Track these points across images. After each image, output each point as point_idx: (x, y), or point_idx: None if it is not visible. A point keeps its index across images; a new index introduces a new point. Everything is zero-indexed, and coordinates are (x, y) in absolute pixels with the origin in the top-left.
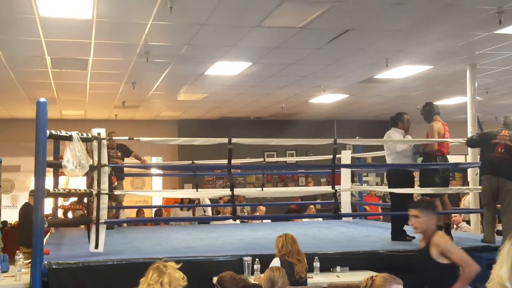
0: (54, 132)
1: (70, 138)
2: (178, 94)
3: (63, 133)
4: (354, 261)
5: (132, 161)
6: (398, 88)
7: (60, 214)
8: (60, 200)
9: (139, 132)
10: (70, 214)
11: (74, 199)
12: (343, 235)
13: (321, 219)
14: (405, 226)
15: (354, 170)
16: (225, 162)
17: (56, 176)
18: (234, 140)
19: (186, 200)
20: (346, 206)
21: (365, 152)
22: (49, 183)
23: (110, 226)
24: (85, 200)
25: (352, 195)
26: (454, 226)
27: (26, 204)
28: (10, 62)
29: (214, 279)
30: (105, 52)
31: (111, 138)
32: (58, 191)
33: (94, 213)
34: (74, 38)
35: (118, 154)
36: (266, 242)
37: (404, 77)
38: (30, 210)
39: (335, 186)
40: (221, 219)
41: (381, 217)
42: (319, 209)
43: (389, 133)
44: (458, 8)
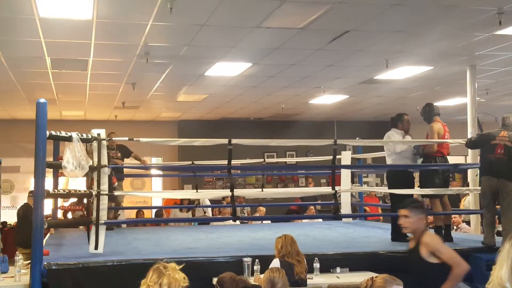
0: (54, 132)
1: (70, 139)
2: (178, 95)
3: (63, 133)
4: (354, 262)
5: (132, 161)
6: (398, 89)
7: (59, 214)
8: (59, 200)
9: (139, 132)
10: (69, 215)
11: (73, 200)
12: (343, 236)
13: (321, 220)
14: None
15: (354, 171)
16: (225, 163)
17: (56, 176)
18: (234, 141)
19: (186, 201)
20: (346, 207)
21: (365, 153)
22: (48, 184)
23: (110, 227)
24: (84, 200)
25: (352, 196)
26: (454, 227)
27: (25, 204)
28: (10, 63)
29: (214, 280)
30: (105, 52)
31: (111, 139)
32: (58, 192)
33: (94, 214)
34: (74, 38)
35: (118, 154)
36: (266, 243)
37: (404, 78)
38: (29, 211)
39: (335, 187)
40: (221, 220)
41: (381, 218)
42: (319, 210)
43: (388, 134)
44: (458, 9)
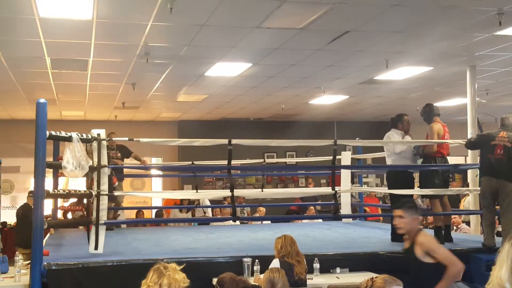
0: (53, 133)
1: (70, 139)
2: (178, 95)
3: (63, 134)
4: (354, 262)
5: (132, 162)
6: (398, 89)
7: (59, 215)
8: (59, 201)
9: (139, 133)
10: (69, 215)
11: (73, 200)
12: (343, 236)
13: (321, 220)
14: None
15: (354, 171)
16: (225, 163)
17: (55, 177)
18: (234, 141)
19: (186, 201)
20: (346, 207)
21: (365, 153)
22: (48, 184)
23: (110, 227)
24: (84, 201)
25: (352, 196)
26: (454, 228)
27: (24, 204)
28: (10, 63)
29: (214, 280)
30: (105, 53)
31: (111, 139)
32: (58, 192)
33: (94, 214)
34: (74, 39)
35: (118, 155)
36: (266, 243)
37: (404, 78)
38: (29, 211)
39: (335, 187)
40: (220, 220)
41: (381, 218)
42: (319, 210)
43: (388, 134)
44: (458, 9)
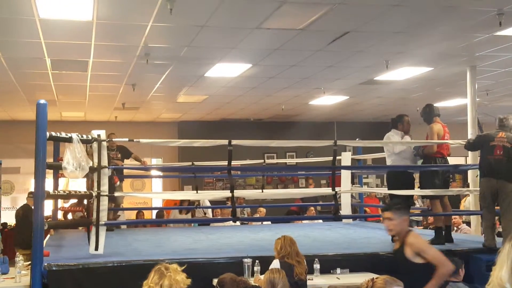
0: (54, 134)
1: (70, 140)
2: (178, 96)
3: (63, 135)
4: (354, 263)
5: (132, 162)
6: (398, 89)
7: (60, 215)
8: (60, 201)
9: (139, 133)
10: (70, 216)
11: (74, 201)
12: (343, 237)
13: (321, 221)
14: None
15: (354, 171)
16: (225, 163)
17: (56, 178)
18: (234, 141)
19: (186, 202)
20: (346, 208)
21: (365, 153)
22: (49, 185)
23: (110, 227)
24: (85, 202)
25: (352, 197)
26: (454, 228)
27: (24, 205)
28: (10, 64)
29: (214, 281)
30: (105, 54)
31: (111, 140)
32: (58, 193)
33: (94, 214)
34: (74, 39)
35: (118, 155)
36: (266, 244)
37: (404, 78)
38: (29, 212)
39: (335, 188)
40: (221, 221)
41: (381, 218)
42: (319, 210)
43: (388, 134)
44: (458, 9)
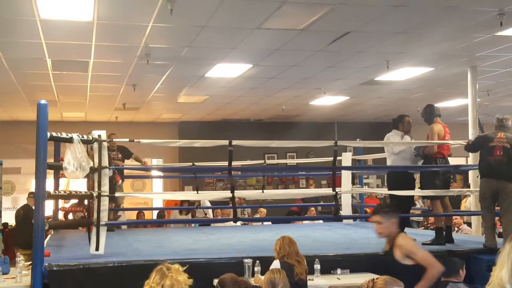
0: (54, 134)
1: (70, 140)
2: (179, 96)
3: (64, 135)
4: (355, 263)
5: (132, 163)
6: (399, 90)
7: (60, 216)
8: (60, 202)
9: (140, 134)
10: (70, 216)
11: (74, 201)
12: (344, 237)
13: (321, 221)
14: (405, 229)
15: (354, 172)
16: (225, 164)
17: (56, 178)
18: (235, 142)
19: (186, 202)
20: (346, 208)
21: (365, 154)
22: (49, 185)
23: (111, 228)
24: (85, 202)
25: (353, 197)
26: (455, 229)
27: (25, 205)
28: (11, 64)
29: (215, 281)
30: (105, 54)
31: (112, 140)
32: (59, 193)
33: (95, 215)
34: (74, 40)
35: (119, 156)
36: (266, 244)
37: (405, 79)
38: (29, 212)
39: (336, 188)
40: (221, 222)
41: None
42: (320, 211)
43: (388, 135)
44: (459, 10)
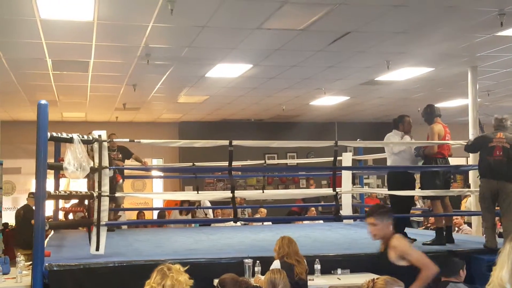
0: (55, 134)
1: (71, 140)
2: (179, 96)
3: (64, 135)
4: (355, 263)
5: (133, 163)
6: (399, 90)
7: (61, 216)
8: (61, 202)
9: (140, 134)
10: (71, 216)
11: (75, 201)
12: (344, 237)
13: (322, 221)
14: (405, 229)
15: (355, 172)
16: (226, 164)
17: (57, 178)
18: (235, 142)
19: (186, 202)
20: (347, 208)
21: (366, 154)
22: (50, 185)
23: (111, 228)
24: (86, 202)
25: (353, 197)
26: (455, 229)
27: (25, 205)
28: (11, 64)
29: (215, 281)
30: (106, 54)
31: (112, 140)
32: (59, 193)
33: (95, 215)
34: (75, 40)
35: (119, 156)
36: (267, 244)
37: (405, 79)
38: (29, 212)
39: (336, 188)
40: (221, 222)
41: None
42: (321, 211)
43: (388, 135)
44: (459, 10)
